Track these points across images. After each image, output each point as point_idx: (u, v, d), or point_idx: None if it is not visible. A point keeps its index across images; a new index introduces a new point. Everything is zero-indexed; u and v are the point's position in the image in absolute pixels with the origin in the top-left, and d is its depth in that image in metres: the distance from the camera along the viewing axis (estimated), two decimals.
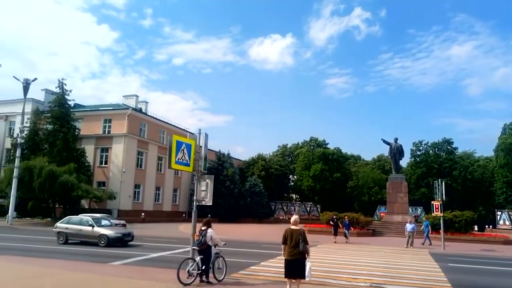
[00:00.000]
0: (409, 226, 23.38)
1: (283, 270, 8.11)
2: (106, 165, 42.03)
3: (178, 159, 9.84)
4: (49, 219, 36.98)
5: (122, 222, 27.63)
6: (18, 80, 33.60)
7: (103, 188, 40.02)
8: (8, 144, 43.03)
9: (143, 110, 49.09)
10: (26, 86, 33.53)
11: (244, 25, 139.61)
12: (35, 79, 34.41)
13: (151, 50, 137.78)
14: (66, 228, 19.08)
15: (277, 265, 12.53)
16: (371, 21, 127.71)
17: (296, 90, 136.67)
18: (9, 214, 31.53)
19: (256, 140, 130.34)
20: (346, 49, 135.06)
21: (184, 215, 49.46)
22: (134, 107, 46.16)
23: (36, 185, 31.84)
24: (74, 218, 19.99)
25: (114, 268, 11.83)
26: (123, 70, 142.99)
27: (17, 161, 32.26)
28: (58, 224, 19.73)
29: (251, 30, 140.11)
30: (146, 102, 52.49)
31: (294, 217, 8.25)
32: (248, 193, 51.06)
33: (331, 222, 25.94)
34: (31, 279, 9.46)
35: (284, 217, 55.47)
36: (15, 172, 31.68)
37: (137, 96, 49.98)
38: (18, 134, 34.61)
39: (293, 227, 7.98)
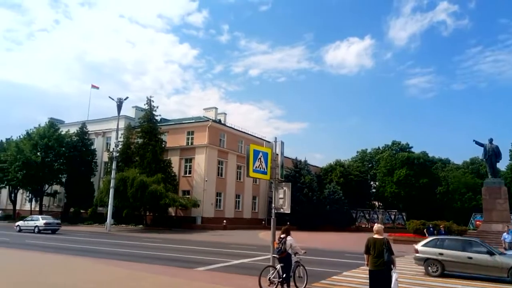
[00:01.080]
0: (507, 237, 20.75)
1: (367, 281, 7.73)
2: (190, 175, 44.41)
3: (256, 168, 9.98)
4: (141, 226, 40.13)
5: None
6: (112, 99, 37.35)
7: (187, 196, 42.28)
8: (105, 158, 47.86)
9: (222, 121, 51.14)
10: (120, 104, 37.04)
11: (317, 31, 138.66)
12: (127, 97, 37.96)
13: (229, 63, 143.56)
14: None
15: (360, 275, 12.01)
16: (458, 14, 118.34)
17: (375, 93, 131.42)
18: (107, 221, 34.85)
19: (334, 146, 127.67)
20: (429, 47, 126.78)
21: (263, 222, 50.07)
22: (214, 119, 48.32)
23: (129, 194, 34.87)
24: None
25: (198, 273, 12.34)
26: (203, 84, 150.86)
27: (113, 173, 35.62)
28: None
29: (325, 35, 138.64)
30: (225, 114, 54.66)
31: (377, 226, 7.83)
32: (327, 201, 49.99)
33: (425, 231, 24.40)
34: (126, 281, 10.27)
35: (367, 226, 53.17)
36: (112, 183, 34.99)
37: (216, 108, 52.29)
38: (113, 148, 38.28)
39: (376, 236, 7.57)
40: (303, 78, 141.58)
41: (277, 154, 10.54)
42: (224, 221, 42.58)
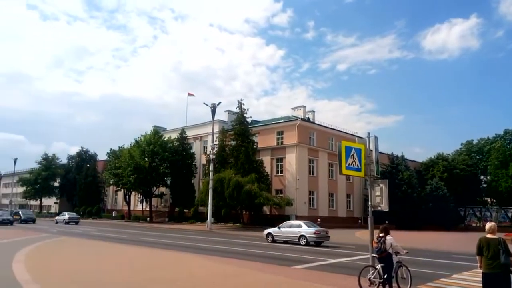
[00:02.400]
0: None
1: (481, 285, 7.07)
2: (281, 174, 45.08)
3: (349, 165, 9.79)
4: (238, 224, 41.96)
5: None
6: (207, 105, 39.70)
7: (280, 195, 42.96)
8: (203, 160, 51.08)
9: (311, 120, 50.86)
10: (213, 110, 39.24)
11: (410, 17, 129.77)
12: (220, 103, 40.07)
13: (315, 60, 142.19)
14: None
15: (472, 278, 10.97)
16: None
17: (480, 77, 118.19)
18: (208, 220, 37.19)
19: (434, 139, 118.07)
20: None
21: (359, 221, 48.47)
22: (302, 117, 48.35)
23: (226, 194, 36.81)
24: None
25: (296, 271, 12.52)
26: (291, 84, 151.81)
27: (210, 174, 37.88)
28: None
29: (420, 20, 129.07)
30: (313, 112, 54.26)
31: (490, 224, 7.10)
32: (429, 198, 46.40)
33: None
34: (231, 277, 10.91)
35: (478, 224, 48.14)
36: (210, 184, 37.23)
37: (304, 106, 52.23)
38: (209, 151, 40.70)
39: (489, 235, 6.88)
40: (395, 68, 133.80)
41: (371, 150, 10.21)
42: (318, 219, 42.18)
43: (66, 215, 47.13)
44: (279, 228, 24.19)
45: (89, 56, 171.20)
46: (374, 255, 9.33)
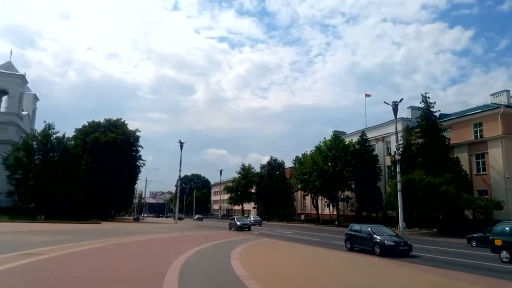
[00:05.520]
0: None
1: None
2: (484, 172, 38.83)
3: None
4: (435, 229, 38.15)
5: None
6: (387, 104, 37.93)
7: (485, 197, 37.03)
8: (387, 162, 48.81)
9: None
10: (395, 108, 37.15)
11: None
12: (401, 99, 37.63)
13: None
14: None
15: None
16: None
17: None
18: (400, 224, 35.11)
19: None
20: None
21: None
22: (506, 103, 40.68)
23: (418, 197, 34.00)
24: None
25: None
26: (486, 66, 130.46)
27: (398, 176, 35.79)
28: None
29: None
30: None
31: None
32: None
33: None
34: None
35: None
36: (398, 186, 35.19)
37: (507, 91, 43.90)
38: (395, 152, 38.57)
39: None
40: None
41: None
42: None
43: (251, 218, 55.86)
44: None
45: (270, 73, 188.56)
46: None
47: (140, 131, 61.21)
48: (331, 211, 57.71)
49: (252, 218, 54.32)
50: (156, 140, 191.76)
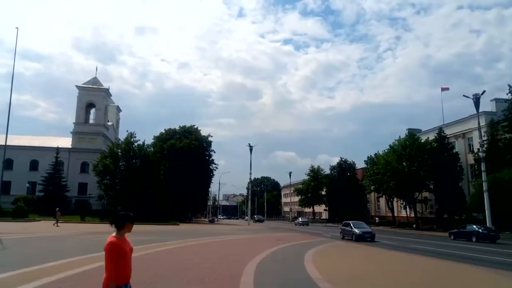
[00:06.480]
0: None
1: None
2: None
3: None
4: None
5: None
6: (467, 97, 35.17)
7: None
8: (470, 160, 45.08)
9: None
10: (476, 101, 34.33)
11: None
12: (484, 92, 34.67)
13: None
14: None
15: None
16: None
17: None
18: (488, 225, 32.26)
19: None
20: None
21: None
22: None
23: (509, 197, 30.93)
24: None
25: None
26: None
27: (483, 175, 32.94)
28: None
29: None
30: None
31: None
32: None
33: None
34: None
35: None
36: (484, 186, 32.36)
37: None
38: (478, 149, 35.55)
39: None
40: None
41: None
42: None
43: (299, 219, 66.01)
44: None
45: (337, 72, 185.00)
46: None
47: (212, 136, 63.98)
48: (408, 213, 54.75)
49: (300, 220, 64.98)
50: (227, 144, 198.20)
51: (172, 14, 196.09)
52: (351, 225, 28.88)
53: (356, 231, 27.44)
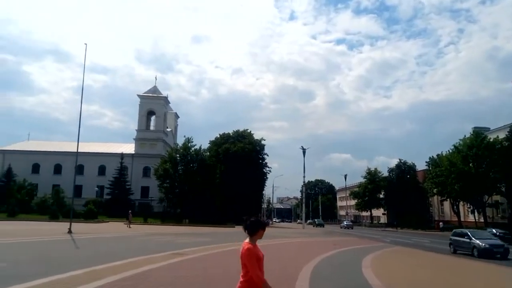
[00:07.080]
0: None
1: None
2: None
3: None
4: None
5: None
6: None
7: None
8: None
9: None
10: None
11: None
12: None
13: None
14: None
15: None
16: None
17: None
18: None
19: None
20: None
21: None
22: None
23: None
24: None
25: None
26: None
27: None
28: None
29: None
30: None
31: None
32: None
33: None
34: None
35: None
36: None
37: None
38: None
39: None
40: None
41: None
42: None
43: (344, 223, 66.21)
44: None
45: (393, 70, 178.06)
46: None
47: (265, 140, 64.48)
48: (476, 218, 50.96)
49: (345, 223, 66.09)
50: (279, 147, 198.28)
51: (224, 21, 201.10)
52: (469, 234, 21.17)
53: (479, 243, 19.90)
